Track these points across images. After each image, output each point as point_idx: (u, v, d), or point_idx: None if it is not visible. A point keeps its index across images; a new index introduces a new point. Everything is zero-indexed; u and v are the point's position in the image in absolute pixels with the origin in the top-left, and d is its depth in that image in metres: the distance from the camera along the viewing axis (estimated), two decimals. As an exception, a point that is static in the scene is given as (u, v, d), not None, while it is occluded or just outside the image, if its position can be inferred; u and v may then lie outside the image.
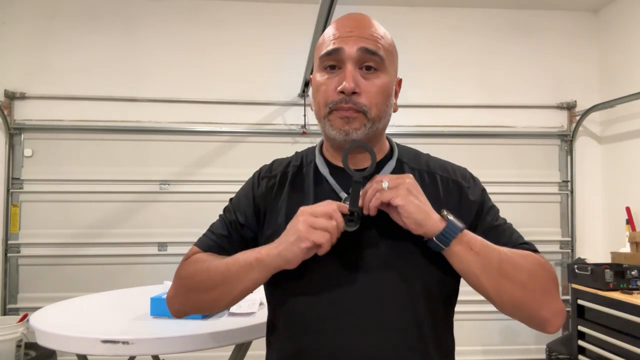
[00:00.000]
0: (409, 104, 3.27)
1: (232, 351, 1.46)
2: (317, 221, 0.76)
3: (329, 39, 0.85)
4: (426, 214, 0.77)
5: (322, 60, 0.85)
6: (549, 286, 0.81)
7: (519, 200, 3.40)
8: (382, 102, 0.84)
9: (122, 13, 3.29)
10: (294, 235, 0.76)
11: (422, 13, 3.45)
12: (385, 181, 0.78)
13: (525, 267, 0.79)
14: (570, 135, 3.47)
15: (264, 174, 0.97)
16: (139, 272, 3.17)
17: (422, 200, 0.78)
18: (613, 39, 3.38)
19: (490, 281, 0.78)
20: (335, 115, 0.83)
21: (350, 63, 0.82)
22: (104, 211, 3.20)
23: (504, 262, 0.78)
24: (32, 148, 3.18)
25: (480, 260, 0.78)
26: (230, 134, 3.31)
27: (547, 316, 0.80)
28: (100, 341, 1.20)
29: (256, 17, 3.36)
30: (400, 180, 0.78)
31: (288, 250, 0.77)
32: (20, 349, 2.57)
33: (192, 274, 0.89)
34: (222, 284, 0.85)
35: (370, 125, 0.83)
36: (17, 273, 3.14)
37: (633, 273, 2.47)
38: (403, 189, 0.77)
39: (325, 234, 0.75)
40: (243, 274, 0.82)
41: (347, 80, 0.81)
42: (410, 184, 0.78)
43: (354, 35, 0.83)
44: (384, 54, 0.84)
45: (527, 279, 0.78)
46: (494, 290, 0.79)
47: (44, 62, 3.21)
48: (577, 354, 2.71)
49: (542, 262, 0.83)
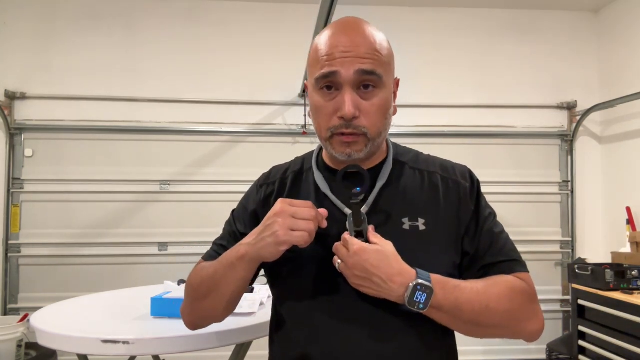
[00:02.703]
0: (409, 104, 3.27)
1: (233, 351, 1.46)
2: (296, 223, 0.77)
3: (323, 59, 0.81)
4: (380, 293, 0.78)
5: (318, 81, 0.82)
6: (526, 312, 0.83)
7: (519, 200, 3.40)
8: (382, 119, 0.84)
9: (123, 13, 3.30)
10: (271, 237, 0.77)
11: (422, 13, 3.45)
12: (337, 262, 0.80)
13: (500, 308, 0.80)
14: (570, 135, 3.47)
15: (262, 181, 0.98)
16: (139, 272, 3.17)
17: (373, 282, 0.77)
18: (613, 39, 3.38)
19: (463, 330, 0.82)
20: (337, 140, 0.83)
21: (348, 86, 0.80)
22: (105, 211, 3.20)
23: (477, 314, 0.79)
24: (33, 148, 3.18)
25: (449, 317, 0.79)
26: (230, 134, 3.31)
27: (525, 335, 0.84)
28: (100, 341, 1.20)
29: (256, 17, 3.36)
30: (349, 265, 0.78)
31: (265, 249, 0.79)
32: (20, 349, 2.57)
33: (191, 283, 0.93)
34: (214, 288, 0.87)
35: (371, 144, 0.84)
36: (17, 273, 3.14)
37: (633, 273, 2.47)
38: (352, 274, 0.78)
39: (304, 235, 0.77)
40: (229, 274, 0.84)
41: (347, 106, 0.79)
42: (359, 266, 0.77)
43: (350, 56, 0.79)
44: (382, 71, 0.81)
45: (501, 320, 0.81)
46: (468, 334, 0.83)
47: (44, 62, 3.22)
48: (578, 354, 2.71)
49: (520, 287, 0.83)
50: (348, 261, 0.77)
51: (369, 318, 0.81)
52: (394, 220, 0.85)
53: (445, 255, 0.84)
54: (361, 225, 0.80)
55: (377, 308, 0.81)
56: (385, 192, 0.87)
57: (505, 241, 0.88)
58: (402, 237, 0.83)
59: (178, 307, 1.38)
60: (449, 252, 0.85)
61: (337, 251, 0.80)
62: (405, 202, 0.87)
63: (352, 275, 0.78)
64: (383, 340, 0.81)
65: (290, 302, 0.88)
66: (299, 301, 0.86)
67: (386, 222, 0.84)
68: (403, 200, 0.87)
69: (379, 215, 0.85)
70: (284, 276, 0.88)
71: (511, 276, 0.84)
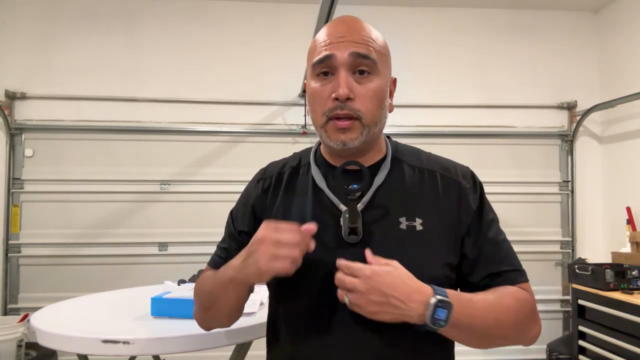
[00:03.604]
0: (409, 104, 3.26)
1: (233, 351, 1.46)
2: (279, 251, 0.74)
3: (320, 46, 0.84)
4: (399, 318, 0.74)
5: (314, 68, 0.84)
6: (529, 323, 0.84)
7: (520, 200, 3.40)
8: (377, 105, 0.84)
9: (123, 13, 3.29)
10: (253, 265, 0.76)
11: (422, 13, 3.45)
12: (346, 297, 0.75)
13: (509, 321, 0.81)
14: (570, 135, 3.47)
15: (259, 176, 0.99)
16: (139, 272, 3.17)
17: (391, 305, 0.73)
18: (614, 39, 3.38)
19: (474, 344, 0.83)
20: (332, 126, 0.83)
21: (343, 69, 0.81)
22: (105, 211, 3.20)
23: (488, 327, 0.80)
24: (33, 148, 3.18)
25: (464, 334, 0.80)
26: (230, 134, 3.31)
27: (524, 343, 0.86)
28: (100, 341, 1.20)
29: (256, 17, 3.36)
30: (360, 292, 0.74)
31: (250, 276, 0.78)
32: (21, 349, 2.57)
33: (197, 293, 0.95)
34: (215, 303, 0.89)
35: (366, 131, 0.84)
36: (17, 273, 3.14)
37: (634, 273, 2.47)
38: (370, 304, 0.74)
39: (285, 265, 0.74)
40: (223, 293, 0.86)
41: (341, 86, 0.80)
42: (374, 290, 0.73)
43: (345, 40, 0.82)
44: (376, 57, 0.83)
45: (508, 332, 0.82)
46: (476, 346, 0.84)
47: (44, 62, 3.22)
48: (578, 354, 2.71)
49: (524, 299, 0.84)
50: (361, 288, 0.73)
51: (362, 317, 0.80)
52: (391, 219, 0.84)
53: (442, 256, 0.83)
54: (356, 222, 0.80)
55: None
56: (382, 190, 0.86)
57: (508, 250, 0.88)
58: (398, 236, 0.83)
59: (178, 307, 1.40)
60: (447, 253, 0.84)
61: (341, 282, 0.76)
62: (403, 201, 0.86)
63: (368, 302, 0.73)
64: (379, 338, 0.80)
65: (284, 303, 0.89)
66: (293, 305, 0.87)
67: (382, 221, 0.84)
68: (401, 199, 0.86)
69: (376, 213, 0.84)
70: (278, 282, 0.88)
71: (515, 287, 0.85)
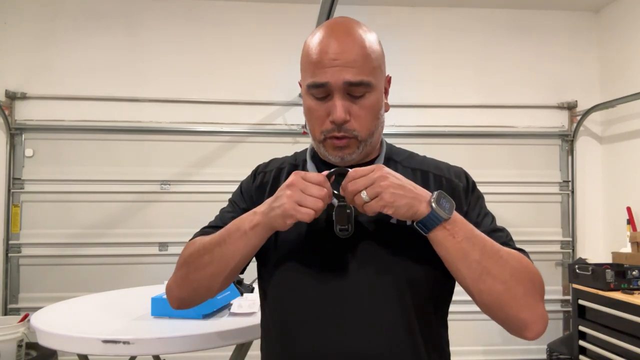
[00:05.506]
0: (409, 104, 3.24)
1: (233, 351, 1.46)
2: (304, 199, 0.76)
3: (313, 64, 0.83)
4: (412, 205, 0.75)
5: (309, 88, 0.85)
6: (532, 289, 0.79)
7: (520, 200, 3.40)
8: (373, 119, 0.86)
9: (123, 13, 3.30)
10: (279, 208, 0.77)
11: (422, 13, 3.45)
12: (363, 192, 0.76)
13: (509, 264, 0.78)
14: (571, 135, 3.47)
15: (260, 169, 1.01)
16: (139, 272, 3.17)
17: (405, 190, 0.76)
18: (614, 39, 3.38)
19: (470, 272, 0.77)
20: (330, 144, 0.86)
21: (338, 93, 0.82)
22: (105, 211, 3.20)
23: (487, 255, 0.77)
24: (33, 148, 3.18)
25: (460, 249, 0.76)
26: (231, 134, 3.31)
27: (527, 319, 0.77)
28: (101, 341, 1.21)
29: (256, 17, 3.36)
30: (377, 184, 0.75)
31: (275, 220, 0.79)
32: (21, 349, 2.57)
33: (190, 253, 0.89)
34: (219, 256, 0.85)
35: (363, 145, 0.86)
36: (18, 273, 3.14)
37: (634, 273, 2.47)
38: (387, 193, 0.74)
39: (310, 212, 0.76)
40: (239, 242, 0.83)
41: (337, 112, 0.82)
42: (388, 181, 0.75)
43: (339, 65, 0.81)
44: (371, 79, 0.83)
45: (509, 277, 0.77)
46: (473, 282, 0.77)
47: (45, 62, 3.22)
48: (578, 354, 2.71)
49: (530, 266, 0.81)
50: (382, 184, 0.74)
51: (354, 311, 0.81)
52: (381, 215, 0.83)
53: (433, 250, 0.83)
54: (346, 224, 0.81)
55: (361, 301, 0.82)
56: None
57: (510, 239, 0.87)
58: (389, 230, 0.84)
59: (178, 307, 1.39)
60: None
61: (354, 186, 0.76)
62: None
63: (389, 194, 0.74)
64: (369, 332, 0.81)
65: (277, 302, 0.89)
66: (285, 300, 0.87)
67: (373, 217, 0.83)
68: None
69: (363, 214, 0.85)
70: (272, 262, 0.89)
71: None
